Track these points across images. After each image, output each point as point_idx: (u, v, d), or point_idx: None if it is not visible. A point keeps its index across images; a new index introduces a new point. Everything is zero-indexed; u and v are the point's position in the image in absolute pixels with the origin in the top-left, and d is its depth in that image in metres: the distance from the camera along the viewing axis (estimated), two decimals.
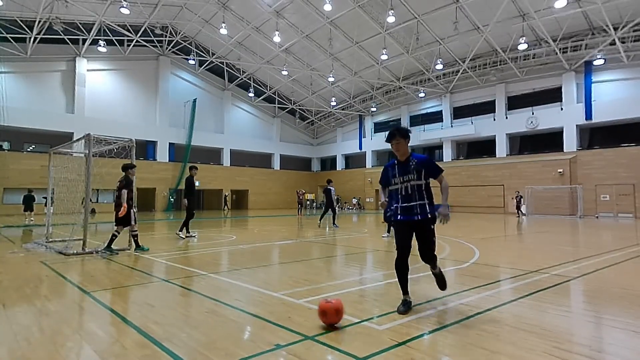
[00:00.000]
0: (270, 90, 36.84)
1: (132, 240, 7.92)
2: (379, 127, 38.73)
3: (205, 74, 35.41)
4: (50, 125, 26.34)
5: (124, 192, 7.59)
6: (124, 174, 7.80)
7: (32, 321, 3.42)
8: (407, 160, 3.82)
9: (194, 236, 10.53)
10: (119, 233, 7.71)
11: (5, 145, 26.14)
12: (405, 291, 3.73)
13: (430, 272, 3.97)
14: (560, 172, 25.60)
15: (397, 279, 3.77)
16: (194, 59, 31.96)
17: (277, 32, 25.84)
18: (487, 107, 30.32)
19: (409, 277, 3.78)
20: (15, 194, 24.88)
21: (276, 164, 40.69)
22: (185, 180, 10.58)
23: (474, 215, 24.20)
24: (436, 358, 2.65)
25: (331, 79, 32.82)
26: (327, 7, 22.77)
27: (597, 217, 23.34)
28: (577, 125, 25.81)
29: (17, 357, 2.63)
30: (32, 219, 18.40)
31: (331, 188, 14.59)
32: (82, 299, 4.26)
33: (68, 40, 26.71)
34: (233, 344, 2.90)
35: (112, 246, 7.54)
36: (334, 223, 14.56)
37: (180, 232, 10.38)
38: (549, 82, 27.18)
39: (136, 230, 7.91)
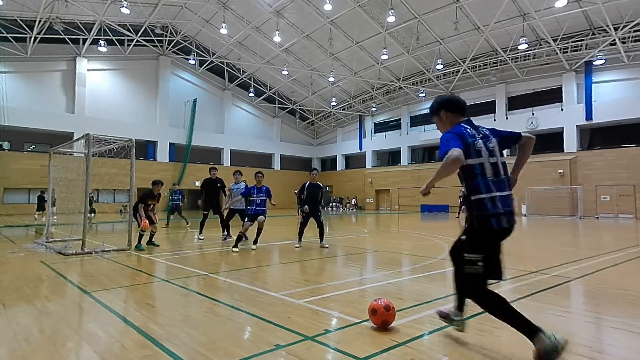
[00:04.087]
0: (270, 90, 36.85)
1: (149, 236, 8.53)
2: (379, 127, 38.73)
3: (205, 74, 35.41)
4: (50, 125, 26.34)
5: (140, 205, 8.21)
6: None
7: (32, 321, 3.42)
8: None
9: (201, 239, 10.08)
10: (144, 231, 8.26)
11: (6, 145, 26.15)
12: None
13: None
14: (560, 172, 25.60)
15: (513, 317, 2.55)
16: (194, 59, 31.96)
17: (277, 32, 25.84)
18: (487, 108, 30.30)
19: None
20: (15, 194, 24.91)
21: (276, 164, 40.67)
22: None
23: None
24: (436, 358, 2.65)
25: (331, 79, 32.84)
26: (327, 7, 22.78)
27: (597, 217, 23.34)
28: (577, 126, 25.80)
29: (17, 357, 2.63)
30: (42, 218, 18.40)
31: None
32: (82, 299, 4.26)
33: (68, 40, 26.70)
34: (233, 344, 2.90)
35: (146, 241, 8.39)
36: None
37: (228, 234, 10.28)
38: (549, 83, 27.18)
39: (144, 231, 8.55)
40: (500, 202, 2.54)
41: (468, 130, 2.66)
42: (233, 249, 7.90)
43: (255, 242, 8.13)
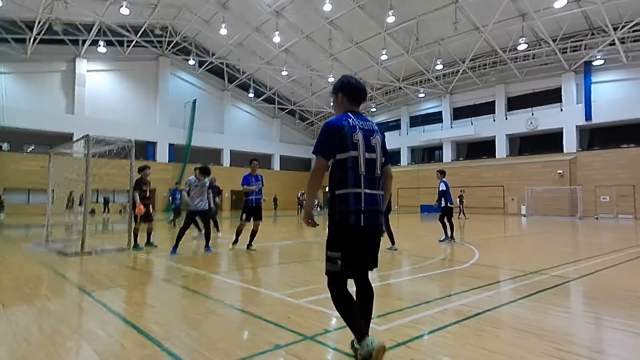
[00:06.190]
0: (270, 90, 36.84)
1: (146, 235, 8.43)
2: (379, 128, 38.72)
3: (205, 75, 35.40)
4: (50, 126, 26.33)
5: (135, 192, 8.23)
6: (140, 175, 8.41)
7: (32, 321, 3.41)
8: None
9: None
10: (138, 229, 8.27)
11: (5, 145, 26.11)
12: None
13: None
14: (560, 173, 25.61)
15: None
16: (193, 60, 31.97)
17: (277, 32, 25.84)
18: (487, 108, 30.34)
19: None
20: (15, 195, 24.89)
21: (276, 164, 40.67)
22: None
23: (473, 216, 24.20)
24: (436, 358, 2.65)
25: (331, 80, 32.77)
26: (327, 7, 22.77)
27: (596, 218, 23.34)
28: (576, 126, 25.82)
29: (17, 356, 2.63)
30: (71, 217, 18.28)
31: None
32: (82, 298, 4.26)
33: (68, 41, 26.72)
34: (233, 344, 2.90)
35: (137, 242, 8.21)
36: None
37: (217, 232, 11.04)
38: (549, 83, 27.20)
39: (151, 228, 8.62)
40: (365, 200, 2.46)
41: (350, 120, 2.57)
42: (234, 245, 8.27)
43: (250, 244, 8.08)
